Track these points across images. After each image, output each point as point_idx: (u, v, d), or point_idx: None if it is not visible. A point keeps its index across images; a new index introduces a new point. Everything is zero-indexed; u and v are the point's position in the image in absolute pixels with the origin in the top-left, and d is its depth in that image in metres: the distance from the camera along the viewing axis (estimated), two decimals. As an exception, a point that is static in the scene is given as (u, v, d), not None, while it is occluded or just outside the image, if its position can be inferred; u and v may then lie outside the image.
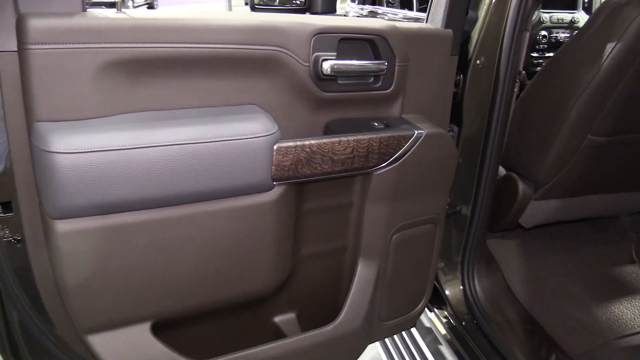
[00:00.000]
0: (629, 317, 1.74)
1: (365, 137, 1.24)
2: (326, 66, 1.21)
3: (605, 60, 1.50)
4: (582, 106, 1.60)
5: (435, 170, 1.41)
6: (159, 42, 1.03)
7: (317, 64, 1.21)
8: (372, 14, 2.50)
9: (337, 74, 1.23)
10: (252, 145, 1.09)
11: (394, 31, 1.30)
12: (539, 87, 1.76)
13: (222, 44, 1.11)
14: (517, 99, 1.86)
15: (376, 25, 1.28)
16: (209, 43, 1.09)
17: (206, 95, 1.15)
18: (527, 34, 1.59)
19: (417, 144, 1.32)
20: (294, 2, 2.91)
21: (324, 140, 1.19)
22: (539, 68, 2.87)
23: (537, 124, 1.77)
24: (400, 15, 2.23)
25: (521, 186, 1.90)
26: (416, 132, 1.32)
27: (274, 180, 1.15)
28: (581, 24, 2.94)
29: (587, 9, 3.08)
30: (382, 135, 1.26)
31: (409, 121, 1.38)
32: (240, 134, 1.08)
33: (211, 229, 1.12)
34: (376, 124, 1.33)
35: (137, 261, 1.06)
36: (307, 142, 1.16)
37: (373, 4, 2.63)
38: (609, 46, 1.48)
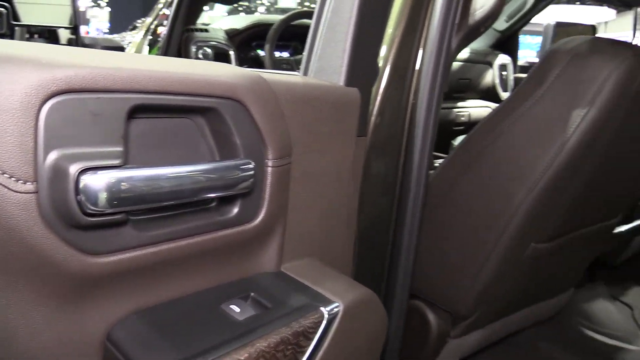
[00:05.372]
0: None
1: None
2: (97, 185, 0.43)
3: (571, 136, 0.96)
4: (531, 208, 1.05)
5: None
6: None
7: (64, 181, 0.42)
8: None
9: (127, 203, 0.45)
10: None
11: (263, 88, 0.57)
12: (454, 180, 1.17)
13: None
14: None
15: (223, 72, 0.54)
16: None
17: None
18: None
19: (331, 334, 0.60)
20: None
21: None
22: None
23: (457, 236, 1.18)
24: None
25: (434, 322, 1.29)
26: (325, 311, 0.60)
27: None
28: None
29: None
30: (251, 350, 0.51)
31: (300, 280, 0.65)
32: None
33: None
34: (236, 310, 0.57)
35: None
36: None
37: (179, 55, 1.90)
38: (576, 115, 0.96)
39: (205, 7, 2.43)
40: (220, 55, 2.02)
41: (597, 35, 2.35)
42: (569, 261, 1.43)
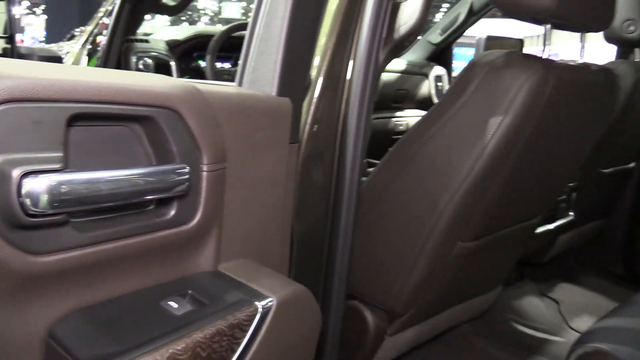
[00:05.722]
0: None
1: None
2: (38, 188, 0.46)
3: (489, 141, 1.05)
4: (457, 208, 1.12)
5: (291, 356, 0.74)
6: None
7: (7, 184, 0.45)
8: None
9: (67, 205, 0.48)
10: None
11: (197, 98, 0.61)
12: (386, 185, 1.24)
13: None
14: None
15: (158, 83, 0.58)
16: None
17: None
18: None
19: (265, 327, 0.64)
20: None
21: None
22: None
23: (389, 238, 1.24)
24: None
25: (371, 320, 1.34)
26: (259, 305, 0.64)
27: None
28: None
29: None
30: (188, 341, 0.54)
31: (236, 278, 0.69)
32: None
33: None
34: (174, 306, 0.60)
35: None
36: None
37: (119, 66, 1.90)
38: (493, 123, 1.04)
39: (147, 17, 2.41)
40: (161, 66, 2.01)
41: (525, 47, 2.49)
42: (495, 259, 1.52)
